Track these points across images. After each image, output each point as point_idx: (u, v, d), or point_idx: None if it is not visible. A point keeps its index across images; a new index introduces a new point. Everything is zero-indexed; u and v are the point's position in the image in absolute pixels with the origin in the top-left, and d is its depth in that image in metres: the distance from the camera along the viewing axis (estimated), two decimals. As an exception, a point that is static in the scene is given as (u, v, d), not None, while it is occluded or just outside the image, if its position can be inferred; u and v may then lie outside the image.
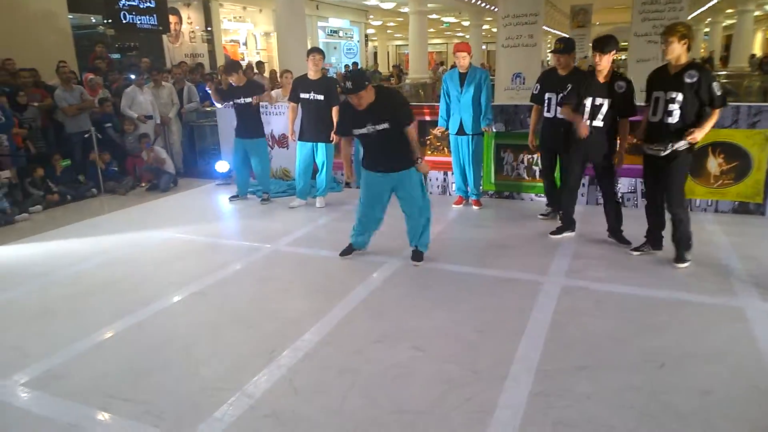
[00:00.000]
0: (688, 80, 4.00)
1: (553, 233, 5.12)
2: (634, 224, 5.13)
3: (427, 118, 6.51)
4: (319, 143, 6.12)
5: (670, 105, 4.08)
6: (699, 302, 3.76)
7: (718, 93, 3.97)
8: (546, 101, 5.33)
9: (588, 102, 4.61)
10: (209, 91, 6.50)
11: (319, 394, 2.84)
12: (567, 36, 5.67)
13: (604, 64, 4.53)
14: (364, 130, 4.21)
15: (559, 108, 5.06)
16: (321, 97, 5.97)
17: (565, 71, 5.17)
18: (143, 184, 7.65)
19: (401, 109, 4.26)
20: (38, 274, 4.60)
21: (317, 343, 3.34)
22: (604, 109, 4.58)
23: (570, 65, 5.20)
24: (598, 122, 4.62)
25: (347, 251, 4.76)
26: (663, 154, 4.16)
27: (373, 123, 4.16)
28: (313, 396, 2.83)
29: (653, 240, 4.63)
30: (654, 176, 4.39)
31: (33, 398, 2.91)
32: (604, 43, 4.50)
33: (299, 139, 6.19)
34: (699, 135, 4.02)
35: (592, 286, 4.06)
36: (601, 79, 4.58)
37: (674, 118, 4.09)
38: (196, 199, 7.09)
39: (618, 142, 4.75)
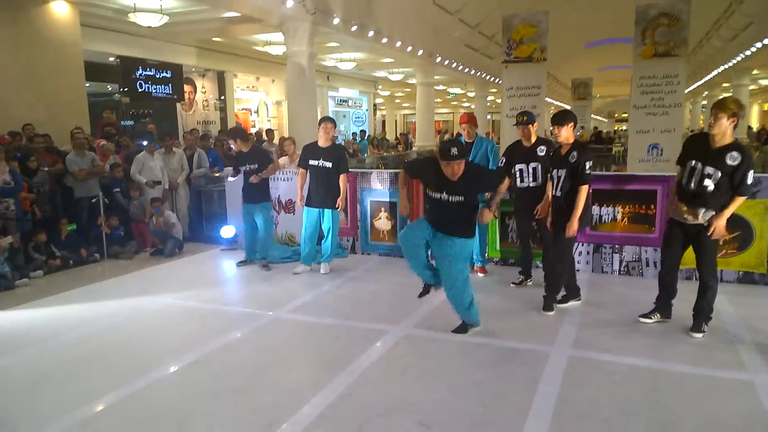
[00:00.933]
0: (729, 162, 3.98)
1: (559, 302, 5.05)
2: (638, 293, 5.13)
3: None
4: (325, 209, 6.17)
5: (706, 179, 4.06)
6: (708, 375, 3.67)
7: (749, 182, 3.98)
8: (518, 172, 5.42)
9: (554, 174, 4.81)
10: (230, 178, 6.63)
11: (317, 471, 2.73)
12: (528, 110, 5.81)
13: (564, 135, 4.69)
14: (437, 195, 4.23)
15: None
16: (329, 165, 6.06)
17: (529, 142, 5.38)
18: (147, 249, 7.66)
19: (489, 180, 4.43)
20: (35, 341, 4.53)
21: (317, 416, 3.23)
22: (562, 179, 4.72)
23: (532, 136, 5.37)
24: (558, 192, 4.77)
25: (425, 291, 4.58)
26: (695, 222, 4.14)
27: (449, 194, 4.18)
28: (310, 474, 2.71)
29: (664, 308, 4.58)
30: (681, 244, 4.35)
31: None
32: (561, 117, 4.73)
33: (306, 205, 6.24)
34: (720, 224, 4.03)
35: (599, 356, 3.96)
36: (562, 151, 4.77)
37: (708, 192, 4.07)
38: (200, 265, 7.07)
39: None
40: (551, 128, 5.20)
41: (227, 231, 7.63)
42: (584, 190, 4.64)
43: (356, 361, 3.95)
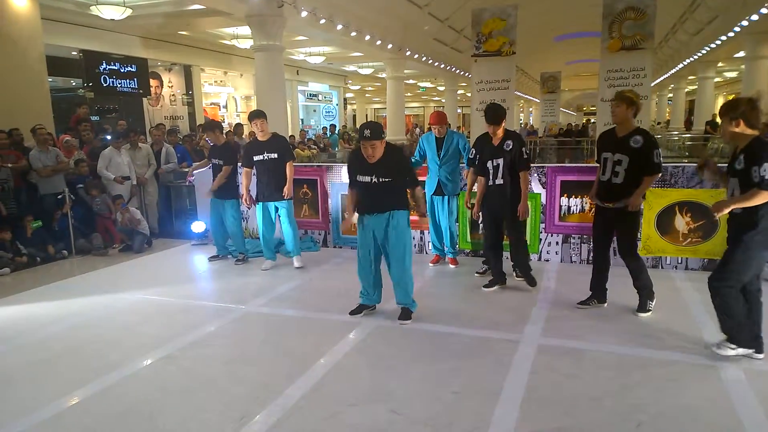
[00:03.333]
0: (633, 145, 4.27)
1: (485, 286, 5.32)
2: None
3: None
4: (279, 202, 6.10)
5: (617, 166, 4.34)
6: (673, 360, 3.76)
7: (655, 161, 4.23)
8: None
9: (489, 164, 5.00)
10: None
11: (290, 461, 2.74)
12: (497, 103, 5.89)
13: (499, 130, 4.96)
14: (367, 179, 4.35)
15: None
16: (275, 155, 6.00)
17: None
18: (116, 246, 7.54)
19: (407, 172, 4.46)
20: (1, 339, 4.43)
21: (290, 407, 3.24)
22: (501, 168, 4.94)
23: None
24: (499, 180, 4.98)
25: (357, 310, 4.71)
26: (611, 206, 4.43)
27: (378, 176, 4.30)
28: (283, 464, 2.72)
29: (598, 293, 4.80)
30: (603, 229, 4.62)
31: (-14, 472, 2.75)
32: (497, 116, 4.91)
33: (258, 201, 6.15)
34: (635, 201, 4.31)
35: (567, 344, 4.05)
36: (495, 141, 4.99)
37: (619, 179, 4.35)
38: (171, 260, 7.00)
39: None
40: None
41: (198, 226, 7.55)
42: (526, 175, 4.97)
43: (329, 353, 3.97)
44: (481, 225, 6.36)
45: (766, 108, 3.64)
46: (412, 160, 6.01)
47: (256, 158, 6.05)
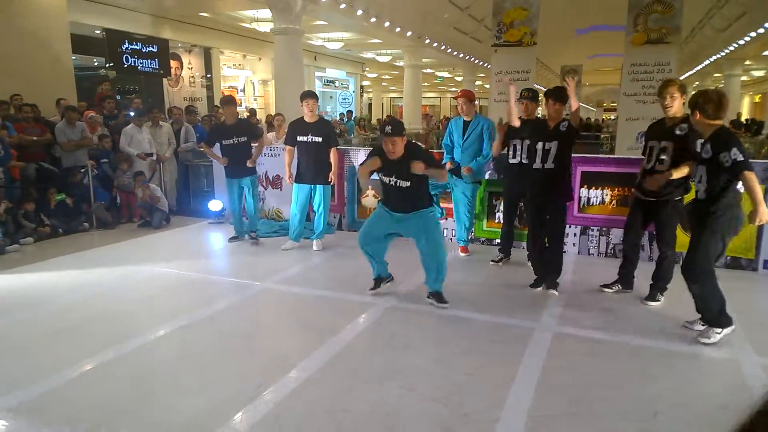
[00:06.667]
0: (678, 132, 4.23)
1: (532, 285, 5.02)
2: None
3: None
4: (317, 185, 6.10)
5: (662, 154, 4.31)
6: (694, 353, 3.73)
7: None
8: (512, 147, 5.48)
9: (539, 146, 4.72)
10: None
11: None
12: (532, 88, 5.89)
13: (556, 112, 4.71)
14: (388, 180, 4.37)
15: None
16: (319, 139, 5.99)
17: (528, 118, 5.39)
18: (135, 220, 7.65)
19: (425, 158, 4.27)
20: (24, 306, 4.53)
21: (305, 380, 3.28)
22: (553, 151, 4.64)
23: (534, 113, 5.47)
24: (549, 165, 4.67)
25: (375, 286, 4.77)
26: (658, 199, 4.39)
27: (398, 178, 4.30)
28: (299, 433, 2.76)
29: (626, 279, 4.80)
30: (641, 221, 4.61)
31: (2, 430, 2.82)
32: (559, 94, 4.68)
33: (296, 182, 6.14)
34: (676, 174, 4.19)
35: (584, 333, 4.04)
36: (551, 123, 4.71)
37: (665, 166, 4.29)
38: (188, 237, 7.08)
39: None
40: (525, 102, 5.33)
41: (215, 204, 7.62)
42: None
43: (342, 331, 4.00)
44: (500, 214, 6.35)
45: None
46: (443, 144, 6.08)
47: (299, 138, 6.03)
